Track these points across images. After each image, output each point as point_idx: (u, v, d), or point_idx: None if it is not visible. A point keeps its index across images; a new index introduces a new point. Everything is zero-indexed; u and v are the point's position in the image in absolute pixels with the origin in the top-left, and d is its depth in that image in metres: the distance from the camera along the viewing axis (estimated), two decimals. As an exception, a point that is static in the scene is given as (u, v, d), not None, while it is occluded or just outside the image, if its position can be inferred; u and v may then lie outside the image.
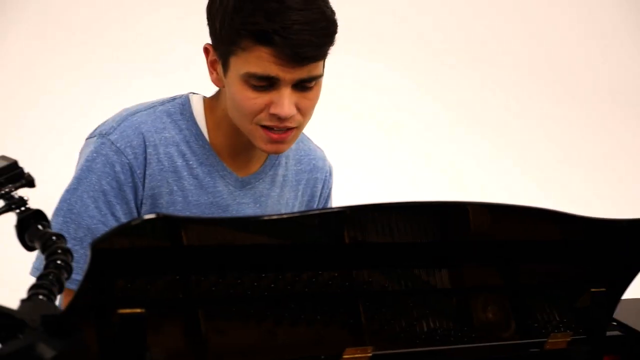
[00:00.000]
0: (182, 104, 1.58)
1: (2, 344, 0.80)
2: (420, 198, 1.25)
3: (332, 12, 1.48)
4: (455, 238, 1.30)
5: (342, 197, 1.71)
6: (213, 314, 1.11)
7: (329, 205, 1.77)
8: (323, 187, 1.74)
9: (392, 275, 1.26)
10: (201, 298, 1.08)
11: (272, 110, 1.46)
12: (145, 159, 1.51)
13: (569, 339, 1.33)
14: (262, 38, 1.42)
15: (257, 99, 1.46)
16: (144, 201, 1.52)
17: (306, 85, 1.49)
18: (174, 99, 1.60)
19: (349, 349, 1.13)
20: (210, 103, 1.60)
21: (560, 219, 1.30)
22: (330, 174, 1.77)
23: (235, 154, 1.59)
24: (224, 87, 1.52)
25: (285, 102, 1.45)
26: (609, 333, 1.47)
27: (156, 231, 0.91)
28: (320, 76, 1.50)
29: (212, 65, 1.53)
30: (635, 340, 1.48)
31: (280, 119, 1.47)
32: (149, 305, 0.95)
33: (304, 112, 1.50)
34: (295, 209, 1.69)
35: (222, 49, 1.48)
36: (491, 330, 1.34)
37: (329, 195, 1.77)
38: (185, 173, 1.54)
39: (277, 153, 1.58)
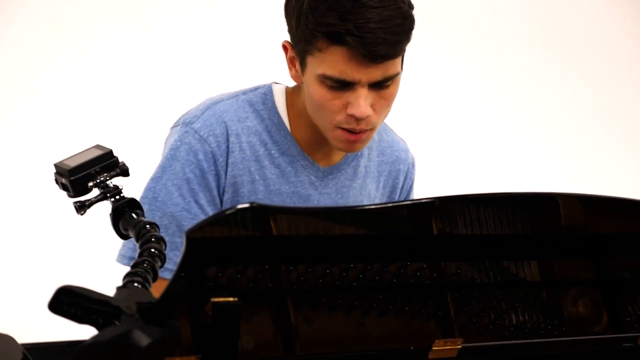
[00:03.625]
0: (264, 94, 1.57)
1: (98, 331, 0.80)
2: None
3: (410, 7, 1.45)
4: (545, 230, 1.26)
5: (423, 189, 1.69)
6: (302, 303, 1.09)
7: (411, 196, 1.73)
8: (405, 178, 1.70)
9: (480, 267, 1.23)
10: (290, 288, 1.07)
11: (349, 110, 1.44)
12: (228, 147, 1.50)
13: (662, 335, 1.28)
14: (336, 38, 1.40)
15: (334, 100, 1.44)
16: (226, 189, 1.51)
17: (383, 85, 1.46)
18: (256, 88, 1.59)
19: (439, 341, 1.11)
20: (292, 94, 1.58)
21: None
22: (413, 166, 1.73)
23: (317, 144, 1.57)
24: (302, 83, 1.51)
25: (362, 102, 1.43)
26: None
27: (249, 220, 0.89)
28: (398, 74, 1.47)
29: (291, 62, 1.51)
30: None
31: (356, 119, 1.44)
32: (240, 294, 0.94)
33: (379, 113, 1.47)
34: (377, 201, 1.66)
35: (299, 48, 1.46)
36: (582, 324, 1.29)
37: (411, 187, 1.73)
38: (267, 162, 1.53)
39: (352, 152, 1.56)
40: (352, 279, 1.11)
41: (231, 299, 0.86)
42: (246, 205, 0.87)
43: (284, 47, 1.51)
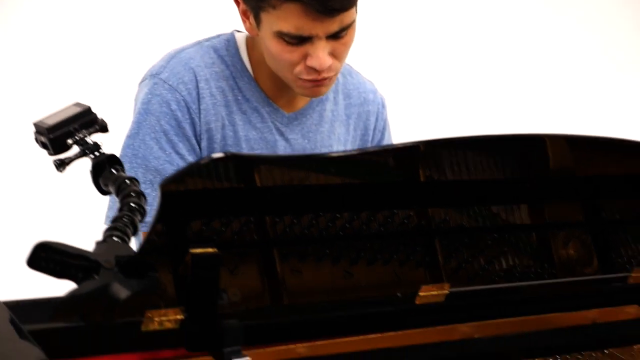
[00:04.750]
0: (227, 40, 1.56)
1: (78, 285, 0.80)
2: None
3: None
4: (534, 172, 1.25)
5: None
6: (288, 254, 1.08)
7: (386, 139, 1.72)
8: (377, 119, 1.69)
9: (469, 213, 1.22)
10: (277, 239, 1.07)
11: (309, 62, 1.43)
12: (199, 93, 1.49)
13: (654, 273, 1.28)
14: None
15: (293, 52, 1.43)
16: (201, 136, 1.50)
17: (340, 35, 1.45)
18: (219, 35, 1.58)
19: (425, 286, 1.10)
20: (252, 42, 1.56)
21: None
22: (383, 106, 1.71)
23: (280, 91, 1.56)
24: (257, 36, 1.49)
25: (320, 54, 1.42)
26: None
27: (226, 171, 0.88)
28: (354, 22, 1.46)
29: (244, 15, 1.49)
30: None
31: (317, 71, 1.44)
32: (223, 246, 0.94)
33: (340, 57, 1.47)
34: (348, 144, 1.65)
35: (252, 4, 1.45)
36: (573, 266, 1.28)
37: (384, 128, 1.71)
38: (235, 107, 1.52)
39: (317, 96, 1.55)
40: (339, 228, 1.10)
41: (210, 250, 0.85)
42: (220, 154, 0.85)
43: (235, 1, 1.49)
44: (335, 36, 1.44)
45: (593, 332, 1.24)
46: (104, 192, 0.98)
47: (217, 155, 0.85)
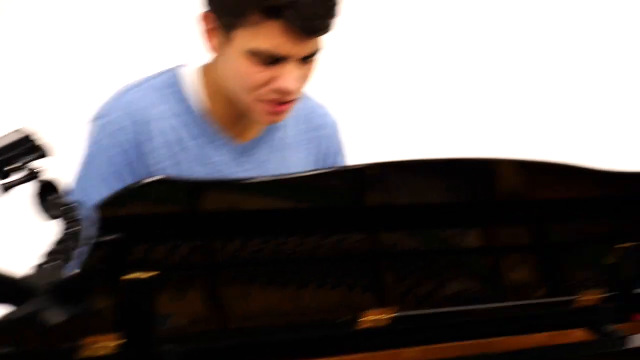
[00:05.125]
0: (170, 77, 1.55)
1: (12, 309, 0.80)
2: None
3: None
4: (484, 196, 1.26)
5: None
6: (236, 278, 1.09)
7: (339, 161, 1.71)
8: (330, 143, 1.68)
9: (419, 237, 1.23)
10: (223, 263, 1.07)
11: (276, 84, 1.43)
12: (143, 135, 1.48)
13: (600, 296, 1.29)
14: (273, 12, 1.38)
15: (262, 73, 1.42)
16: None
17: (309, 60, 1.45)
18: (161, 73, 1.56)
19: (370, 311, 1.10)
20: (204, 72, 1.55)
21: (587, 174, 1.25)
22: (336, 129, 1.70)
23: (232, 121, 1.55)
24: (221, 55, 1.47)
25: (290, 77, 1.42)
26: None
27: (161, 194, 0.88)
28: (322, 48, 1.46)
29: (210, 34, 1.47)
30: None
31: (283, 93, 1.44)
32: (165, 269, 0.94)
33: (304, 82, 1.47)
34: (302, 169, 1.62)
35: (226, 20, 1.43)
36: (521, 289, 1.29)
37: (339, 152, 1.71)
38: (178, 147, 1.50)
39: (274, 123, 1.54)
40: (288, 252, 1.11)
41: (145, 274, 0.85)
42: (154, 178, 0.85)
43: (204, 18, 1.47)
44: (306, 59, 1.44)
45: (541, 355, 1.25)
46: (46, 217, 0.98)
47: (151, 178, 0.85)
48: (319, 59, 1.48)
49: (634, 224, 1.27)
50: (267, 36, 1.39)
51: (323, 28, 1.41)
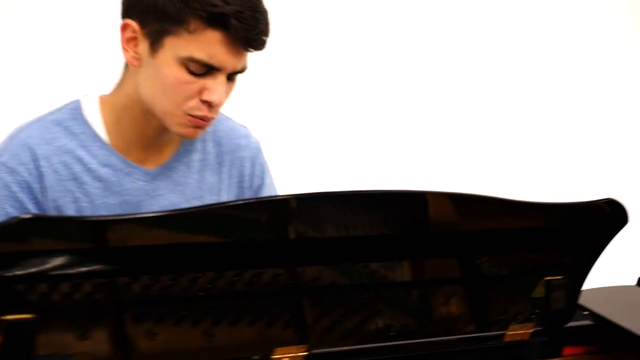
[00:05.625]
0: (73, 109, 1.49)
1: None
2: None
3: None
4: (413, 229, 1.23)
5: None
6: (143, 316, 1.04)
7: (266, 184, 1.65)
8: (253, 165, 1.62)
9: (344, 270, 1.19)
10: (128, 300, 1.02)
11: (205, 96, 1.38)
12: (40, 172, 1.43)
13: (530, 331, 1.25)
14: (217, 21, 1.33)
15: (191, 84, 1.37)
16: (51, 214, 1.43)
17: (234, 77, 1.42)
18: (64, 106, 1.50)
19: (280, 349, 1.06)
20: (109, 98, 1.50)
21: (516, 206, 1.21)
22: (259, 151, 1.65)
23: (143, 146, 1.49)
24: (140, 67, 1.41)
25: (220, 89, 1.38)
26: (577, 323, 1.40)
27: (41, 231, 0.83)
28: (245, 70, 1.44)
29: (128, 43, 1.41)
30: (608, 330, 1.40)
31: (209, 106, 1.40)
32: (56, 309, 0.89)
33: (223, 103, 1.43)
34: (223, 193, 1.58)
35: (155, 27, 1.37)
36: (450, 323, 1.25)
37: (263, 173, 1.65)
38: (86, 178, 1.45)
39: (193, 138, 1.48)
40: (201, 288, 1.06)
41: (24, 316, 0.80)
42: (27, 215, 0.80)
43: (125, 26, 1.40)
44: (232, 76, 1.41)
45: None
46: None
47: (24, 216, 0.80)
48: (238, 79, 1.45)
49: (563, 256, 1.24)
50: (205, 45, 1.35)
51: (261, 43, 1.39)
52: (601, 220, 1.20)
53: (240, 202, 1.22)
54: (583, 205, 1.18)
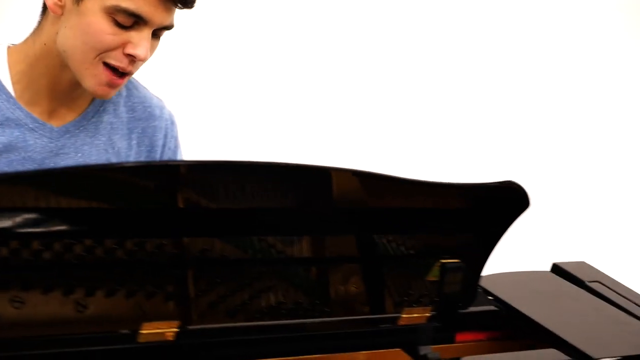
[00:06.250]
0: None
1: None
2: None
3: None
4: (316, 204, 1.18)
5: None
6: (9, 282, 0.98)
7: (178, 158, 1.61)
8: (166, 136, 1.58)
9: (237, 244, 1.13)
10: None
11: (129, 50, 1.33)
12: None
13: (426, 314, 1.21)
14: None
15: (115, 36, 1.32)
16: None
17: (159, 34, 1.37)
18: None
19: (148, 324, 0.99)
20: (21, 47, 1.42)
21: (415, 186, 1.16)
22: (172, 123, 1.60)
23: (51, 100, 1.42)
24: (61, 14, 1.35)
25: (145, 44, 1.33)
26: (479, 308, 1.36)
27: None
28: (171, 28, 1.38)
29: None
30: (510, 316, 1.37)
31: (132, 60, 1.34)
32: None
33: (144, 61, 1.37)
34: (131, 159, 1.52)
35: None
36: (350, 303, 1.21)
37: (176, 147, 1.61)
38: None
39: (104, 98, 1.43)
40: (75, 256, 1.00)
41: None
42: None
43: None
44: (158, 32, 1.36)
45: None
46: None
47: None
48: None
49: (461, 239, 1.20)
50: None
51: (192, 1, 1.34)
52: (501, 203, 1.16)
53: (124, 165, 1.15)
54: (482, 186, 1.14)
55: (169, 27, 1.37)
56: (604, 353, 1.22)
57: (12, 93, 1.40)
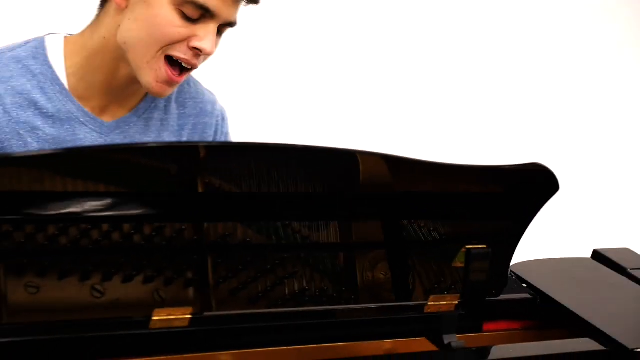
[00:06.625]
0: (35, 48, 1.39)
1: None
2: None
3: None
4: (344, 189, 1.15)
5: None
6: (23, 269, 0.97)
7: None
8: (216, 133, 1.55)
9: (260, 229, 1.11)
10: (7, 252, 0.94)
11: (195, 42, 1.32)
12: None
13: (455, 302, 1.17)
14: None
15: (181, 29, 1.31)
16: None
17: (222, 30, 1.36)
18: (27, 42, 1.40)
19: (160, 310, 0.97)
20: (78, 39, 1.40)
21: (446, 170, 1.12)
22: (224, 119, 1.57)
23: (105, 95, 1.40)
24: (126, 7, 1.33)
25: (212, 38, 1.32)
26: (512, 296, 1.32)
27: None
28: (235, 25, 1.38)
29: None
30: (545, 303, 1.32)
31: (198, 54, 1.34)
32: None
33: (207, 58, 1.37)
34: None
35: None
36: (370, 291, 1.18)
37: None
38: (39, 122, 1.36)
39: (159, 96, 1.40)
40: (93, 241, 0.98)
41: None
42: None
43: None
44: (222, 28, 1.35)
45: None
46: None
47: None
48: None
49: (488, 225, 1.15)
50: None
51: None
52: (528, 186, 1.11)
53: (140, 145, 1.13)
54: (506, 169, 1.09)
55: (232, 24, 1.36)
56: (640, 343, 1.17)
57: (66, 85, 1.39)
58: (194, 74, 1.48)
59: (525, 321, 1.32)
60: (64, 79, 1.39)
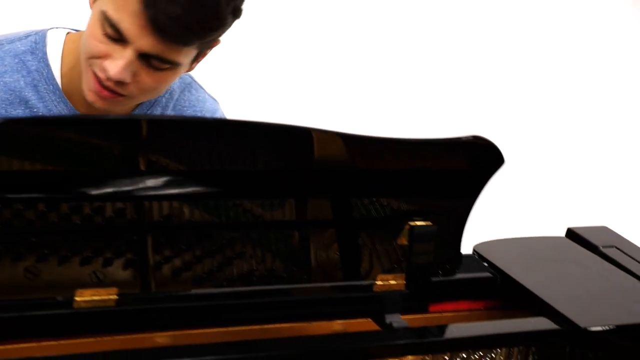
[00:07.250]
0: (35, 42, 1.34)
1: None
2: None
3: (233, 13, 1.24)
4: (297, 166, 1.13)
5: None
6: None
7: None
8: None
9: (205, 209, 1.09)
10: None
11: (105, 63, 1.24)
12: None
13: (403, 282, 1.15)
14: None
15: (100, 44, 1.24)
16: None
17: (154, 64, 1.25)
18: (28, 35, 1.35)
19: (82, 290, 0.95)
20: (73, 40, 1.35)
21: (378, 144, 1.08)
22: None
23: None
24: (92, 7, 1.28)
25: (121, 64, 1.23)
26: (468, 274, 1.29)
27: None
28: (178, 64, 1.26)
29: None
30: (505, 282, 1.30)
31: (105, 74, 1.25)
32: None
33: (143, 89, 1.27)
34: None
35: None
36: (322, 271, 1.16)
37: None
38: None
39: (96, 105, 1.31)
40: (27, 220, 0.97)
41: None
42: None
43: None
44: (149, 61, 1.24)
45: (331, 345, 1.10)
46: None
47: None
48: (174, 74, 1.29)
49: (433, 200, 1.12)
50: (121, 7, 1.20)
51: (177, 37, 1.21)
52: (471, 160, 1.08)
53: (80, 118, 1.11)
54: (446, 142, 1.04)
55: (164, 61, 1.24)
56: (594, 322, 1.14)
57: (60, 85, 1.35)
58: (197, 77, 1.45)
59: (488, 301, 1.29)
60: (59, 78, 1.35)
